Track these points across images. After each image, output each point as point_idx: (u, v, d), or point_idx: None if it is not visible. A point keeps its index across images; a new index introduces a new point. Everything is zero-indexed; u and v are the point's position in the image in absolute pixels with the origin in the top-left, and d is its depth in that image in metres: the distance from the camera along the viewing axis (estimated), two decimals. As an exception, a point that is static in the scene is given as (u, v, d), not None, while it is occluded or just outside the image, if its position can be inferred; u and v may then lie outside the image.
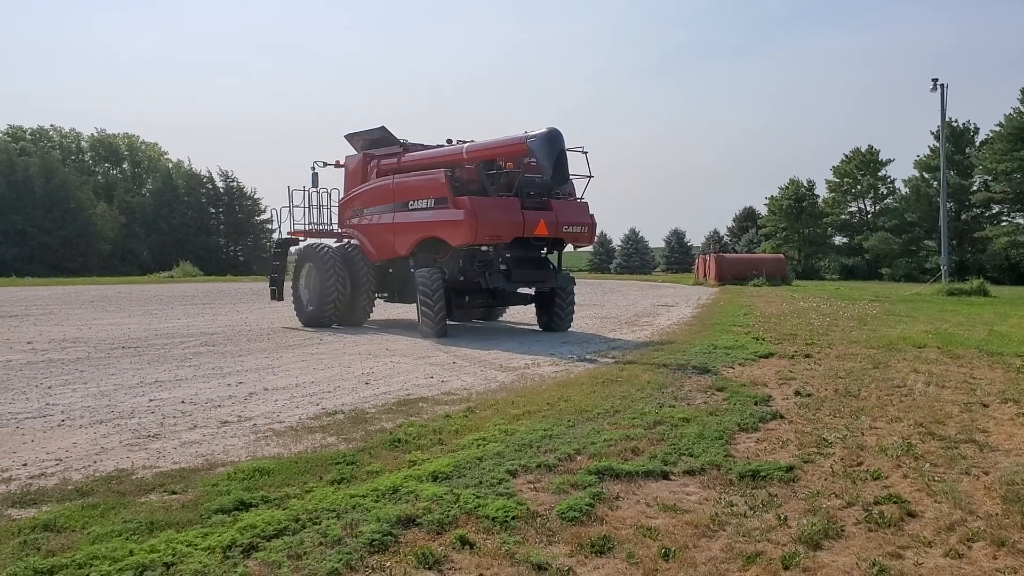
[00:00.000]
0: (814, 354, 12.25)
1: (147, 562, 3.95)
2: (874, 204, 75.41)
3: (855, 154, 74.85)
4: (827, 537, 4.43)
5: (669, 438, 6.65)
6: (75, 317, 19.74)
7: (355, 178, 18.87)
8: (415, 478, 5.41)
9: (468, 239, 15.39)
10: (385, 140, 18.17)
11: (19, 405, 8.23)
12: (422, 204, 16.27)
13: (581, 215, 16.70)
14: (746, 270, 45.57)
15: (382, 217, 17.41)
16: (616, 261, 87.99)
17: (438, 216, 15.84)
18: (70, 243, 65.77)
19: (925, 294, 32.88)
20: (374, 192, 17.85)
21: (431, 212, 16.04)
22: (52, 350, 12.79)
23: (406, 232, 16.75)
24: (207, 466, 5.91)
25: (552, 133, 14.60)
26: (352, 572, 3.95)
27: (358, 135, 18.71)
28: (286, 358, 12.15)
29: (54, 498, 5.09)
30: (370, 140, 18.55)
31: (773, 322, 18.29)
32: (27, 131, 79.66)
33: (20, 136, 77.83)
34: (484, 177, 16.08)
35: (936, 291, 33.47)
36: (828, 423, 7.39)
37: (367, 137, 18.50)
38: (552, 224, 15.94)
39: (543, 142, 14.56)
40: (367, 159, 18.58)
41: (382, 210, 17.44)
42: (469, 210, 15.16)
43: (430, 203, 16.06)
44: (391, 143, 18.08)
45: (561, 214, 16.21)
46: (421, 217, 16.28)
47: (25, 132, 79.28)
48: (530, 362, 11.88)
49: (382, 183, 17.64)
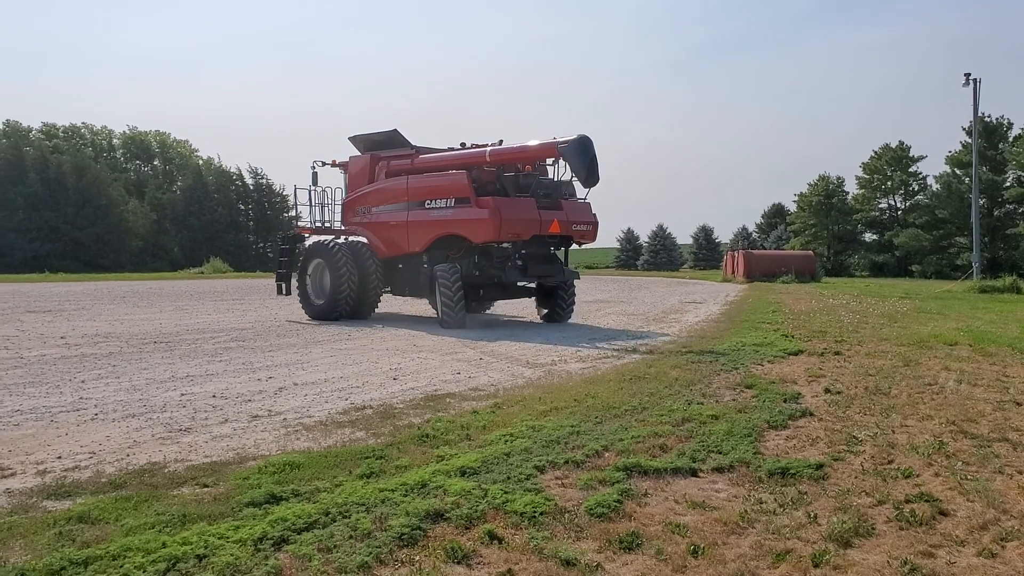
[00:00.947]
0: (844, 351, 12.15)
1: (180, 554, 4.01)
2: (904, 200, 74.53)
3: (885, 150, 74.05)
4: (857, 535, 4.40)
5: (697, 435, 6.63)
6: (107, 312, 19.99)
7: (361, 178, 19.57)
8: (443, 473, 5.43)
9: (492, 236, 16.56)
10: (395, 142, 19.10)
11: (53, 399, 8.35)
12: (441, 203, 17.32)
13: (586, 214, 18.00)
14: (775, 267, 45.27)
15: (394, 215, 18.37)
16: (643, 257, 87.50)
17: (460, 215, 16.91)
18: (102, 239, 66.66)
19: (956, 291, 32.50)
20: (385, 191, 18.79)
21: (452, 211, 17.10)
22: (85, 345, 12.96)
23: (422, 229, 17.73)
24: (238, 460, 5.98)
25: (584, 140, 15.91)
26: (381, 565, 3.98)
27: (361, 137, 19.62)
28: (315, 354, 12.24)
29: (88, 490, 5.17)
30: (376, 142, 19.45)
31: (802, 319, 18.16)
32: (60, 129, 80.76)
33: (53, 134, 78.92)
34: (505, 179, 17.32)
35: (967, 288, 33.07)
36: (858, 421, 7.34)
37: (374, 139, 19.47)
38: (564, 223, 17.24)
39: (577, 149, 15.86)
40: (374, 160, 19.30)
41: (395, 208, 18.39)
42: (493, 209, 16.31)
43: (450, 202, 17.15)
44: (402, 145, 19.00)
45: (570, 214, 17.53)
46: (440, 215, 17.32)
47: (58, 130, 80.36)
48: (557, 358, 11.88)
49: (394, 183, 18.59)
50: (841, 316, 19.04)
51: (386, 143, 19.25)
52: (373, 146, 19.52)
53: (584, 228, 17.81)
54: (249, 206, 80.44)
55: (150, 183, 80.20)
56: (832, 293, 30.75)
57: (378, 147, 19.40)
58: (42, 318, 18.01)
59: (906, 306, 23.04)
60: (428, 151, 19.01)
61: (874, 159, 74.88)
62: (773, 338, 13.78)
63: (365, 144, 19.73)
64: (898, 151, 73.17)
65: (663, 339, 14.58)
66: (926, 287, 39.11)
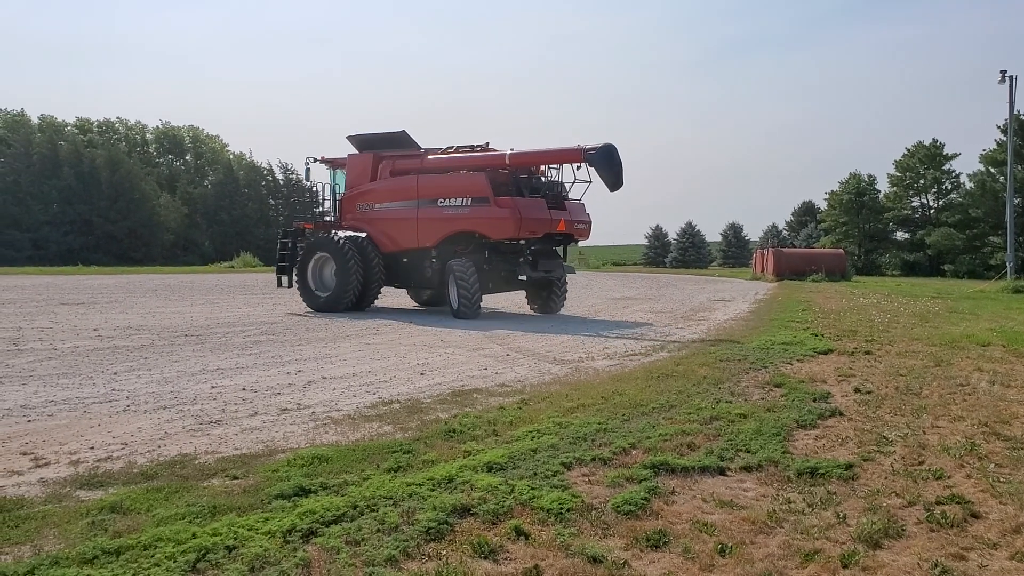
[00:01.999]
0: (874, 351, 12.03)
1: (210, 545, 4.05)
2: (937, 199, 73.55)
3: (918, 148, 73.12)
4: (887, 536, 4.36)
5: (726, 434, 6.60)
6: (139, 305, 20.22)
7: (362, 176, 20.27)
8: (470, 468, 5.45)
9: (511, 234, 17.98)
10: (401, 143, 20.05)
11: (86, 390, 8.47)
12: (457, 202, 18.45)
13: (584, 214, 19.55)
14: (805, 265, 44.86)
15: (401, 212, 19.34)
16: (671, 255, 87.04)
17: (478, 213, 18.11)
18: (134, 233, 67.42)
19: (989, 291, 32.03)
20: (391, 189, 19.69)
21: (468, 209, 18.27)
22: (117, 337, 13.12)
23: (434, 226, 18.78)
24: (267, 452, 6.03)
25: (610, 148, 17.29)
26: (409, 559, 4.00)
27: (358, 136, 20.45)
28: (343, 348, 12.31)
29: (120, 481, 5.24)
30: (375, 142, 20.31)
31: (832, 318, 17.99)
32: (94, 123, 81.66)
33: (88, 128, 79.84)
34: (521, 181, 18.60)
35: (1001, 288, 32.56)
36: (889, 421, 7.26)
37: (372, 139, 20.34)
38: (568, 222, 18.74)
39: (604, 156, 17.24)
40: (377, 159, 20.08)
41: (402, 205, 19.36)
42: (514, 209, 17.68)
43: (466, 201, 18.30)
44: (409, 146, 20.02)
45: (572, 213, 19.01)
46: (455, 213, 18.46)
47: (92, 124, 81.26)
48: (584, 355, 11.87)
49: (401, 181, 19.58)
50: (872, 315, 18.85)
51: (389, 143, 20.12)
52: (373, 145, 20.32)
53: (582, 227, 19.44)
54: (279, 201, 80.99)
55: (182, 177, 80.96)
56: (863, 292, 30.45)
57: (379, 146, 20.24)
58: (75, 310, 18.26)
59: (938, 306, 22.76)
60: (435, 152, 19.91)
61: (906, 157, 73.96)
62: (803, 337, 13.67)
63: (362, 143, 20.47)
64: (931, 149, 72.22)
65: (691, 337, 14.53)
66: (958, 287, 38.60)
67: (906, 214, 75.05)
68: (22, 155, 66.04)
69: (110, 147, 73.77)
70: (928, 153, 72.29)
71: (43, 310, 18.13)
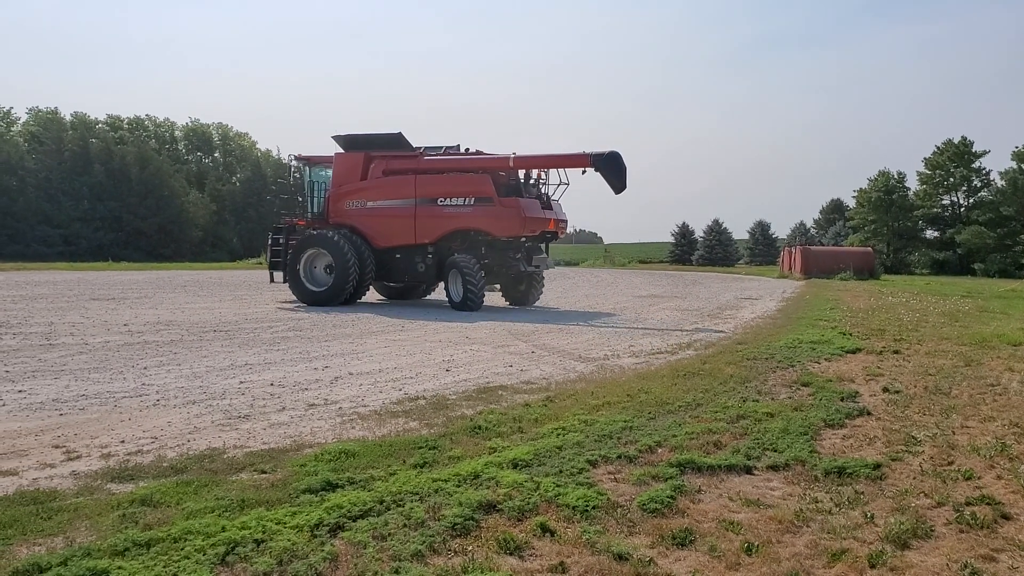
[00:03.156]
0: (903, 350, 11.93)
1: (238, 538, 4.09)
2: (967, 197, 72.63)
3: (948, 145, 72.22)
4: (916, 537, 4.33)
5: (752, 432, 6.57)
6: (168, 301, 20.44)
7: (351, 174, 20.99)
8: (496, 465, 5.46)
9: (515, 232, 19.64)
10: (396, 144, 20.89)
11: (117, 384, 8.57)
12: (459, 201, 19.68)
13: (563, 213, 21.22)
14: (833, 263, 44.53)
15: (398, 209, 20.28)
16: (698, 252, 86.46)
17: (482, 212, 19.44)
18: (163, 229, 68.12)
19: (1020, 290, 31.64)
20: (387, 187, 20.60)
21: (471, 208, 19.56)
22: (147, 332, 13.27)
23: (434, 223, 19.91)
24: (295, 447, 6.08)
25: (615, 154, 18.81)
26: (435, 554, 4.02)
27: (345, 136, 21.31)
28: (369, 344, 12.38)
29: (150, 474, 5.30)
30: (369, 142, 21.14)
31: (860, 317, 17.84)
32: (124, 120, 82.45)
33: (118, 125, 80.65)
34: (520, 183, 20.27)
35: (1034, 288, 32.15)
36: (917, 421, 7.20)
37: (368, 139, 21.15)
38: (555, 220, 20.55)
39: (612, 161, 18.76)
40: (368, 159, 20.88)
41: (399, 203, 20.30)
42: (518, 208, 19.34)
43: (469, 201, 19.57)
44: (405, 147, 20.86)
45: (556, 213, 20.71)
46: (457, 211, 19.70)
47: (123, 121, 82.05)
48: (609, 353, 11.85)
49: (398, 180, 20.49)
50: (900, 314, 18.67)
51: (383, 144, 21.00)
52: (364, 145, 21.12)
53: (563, 225, 21.40)
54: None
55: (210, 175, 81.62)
56: (891, 291, 30.17)
57: (371, 147, 21.04)
58: (106, 306, 18.48)
59: (968, 305, 22.50)
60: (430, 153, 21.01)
61: (936, 154, 73.07)
62: (830, 336, 13.56)
63: (351, 143, 21.21)
64: (961, 147, 71.33)
65: (718, 335, 14.46)
66: (989, 286, 38.14)
67: (936, 212, 74.17)
68: (54, 152, 66.92)
69: (140, 144, 74.57)
70: (958, 151, 71.39)
71: (74, 305, 18.37)
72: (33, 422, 6.79)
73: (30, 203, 62.56)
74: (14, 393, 7.96)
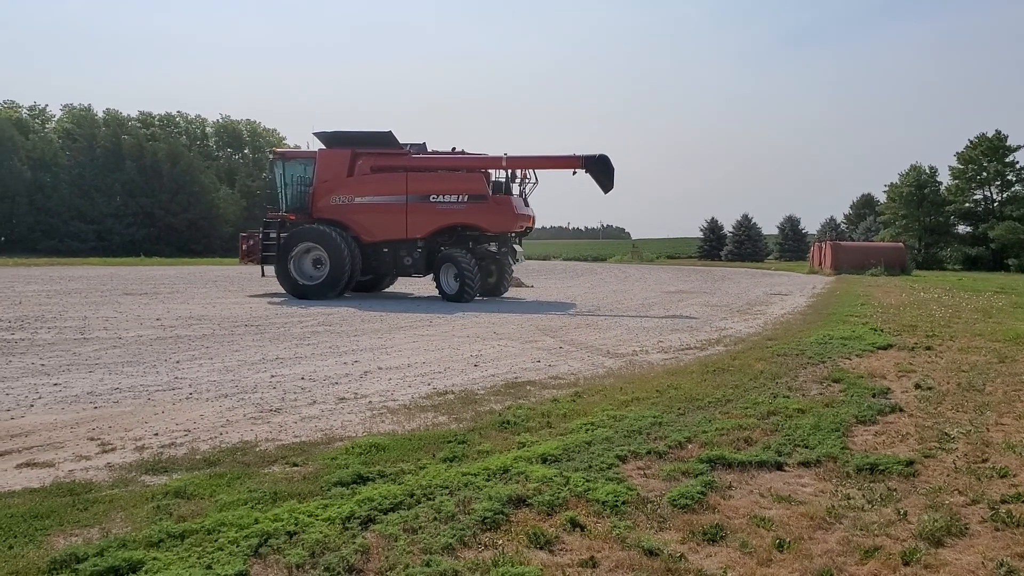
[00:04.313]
0: (935, 346, 11.79)
1: (271, 530, 4.13)
2: (1001, 192, 71.54)
3: (981, 140, 71.16)
4: (950, 534, 4.28)
5: (783, 429, 6.53)
6: (200, 296, 20.65)
7: (337, 170, 21.43)
8: (525, 459, 5.47)
9: (507, 228, 21.06)
10: (385, 142, 21.50)
11: (150, 378, 8.68)
12: (452, 198, 20.61)
13: (532, 211, 22.40)
14: (863, 259, 44.08)
15: (389, 205, 20.96)
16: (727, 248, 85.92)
17: (476, 208, 20.55)
18: (194, 225, 68.76)
19: (1057, 287, 31.13)
20: (376, 183, 21.23)
21: (465, 205, 20.58)
22: (179, 327, 13.41)
23: (426, 219, 20.76)
24: (326, 440, 6.13)
25: (605, 156, 20.29)
26: (465, 548, 4.04)
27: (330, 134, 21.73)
28: (398, 339, 12.43)
29: (183, 467, 5.36)
30: (357, 139, 21.65)
31: (892, 313, 17.66)
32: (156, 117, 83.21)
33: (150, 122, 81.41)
34: (509, 182, 21.30)
35: (1070, 284, 31.63)
36: (950, 417, 7.12)
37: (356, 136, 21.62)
38: (532, 217, 22.16)
39: (602, 163, 20.31)
40: (355, 155, 21.42)
41: (390, 199, 20.97)
42: (511, 206, 20.73)
43: (462, 198, 20.56)
44: (394, 146, 21.57)
45: (531, 210, 22.03)
46: (449, 208, 20.63)
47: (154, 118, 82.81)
48: (638, 348, 11.82)
49: (388, 177, 21.19)
50: (932, 310, 18.45)
51: (372, 141, 21.57)
52: (350, 142, 21.61)
53: (534, 221, 22.70)
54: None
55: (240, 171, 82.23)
56: (923, 287, 29.81)
57: (359, 144, 21.54)
58: (139, 300, 18.70)
59: (1001, 301, 22.20)
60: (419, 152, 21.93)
61: (969, 148, 72.02)
62: (861, 332, 13.43)
63: (336, 139, 21.75)
64: (995, 140, 70.26)
65: (747, 331, 14.38)
66: (1023, 281, 37.57)
67: (968, 207, 73.13)
68: (87, 149, 67.76)
69: (171, 141, 75.24)
70: (991, 145, 70.33)
71: (107, 300, 18.61)
72: (68, 415, 6.89)
73: (64, 199, 63.46)
74: (50, 386, 8.08)
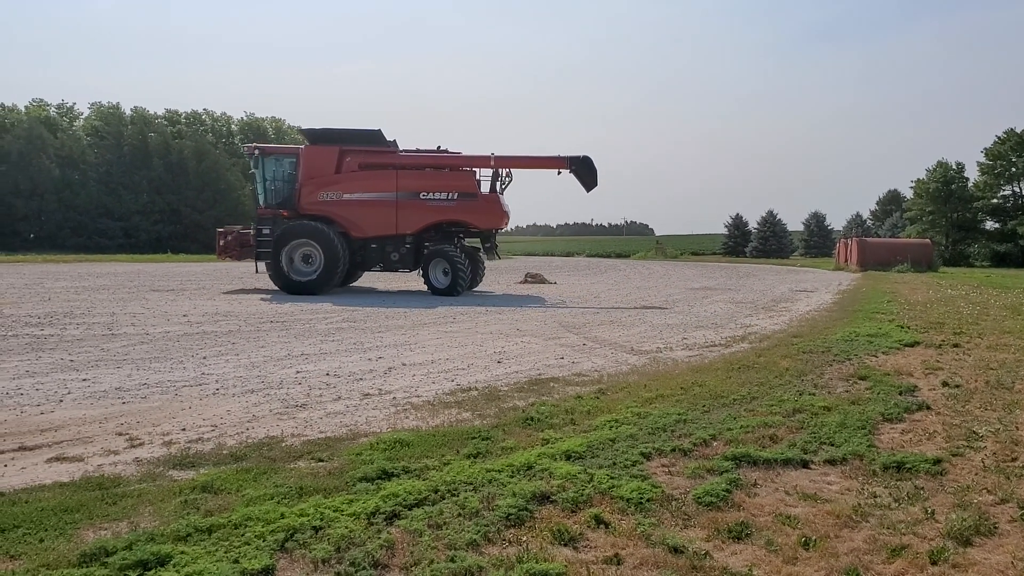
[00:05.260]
0: (963, 344, 11.67)
1: (297, 525, 4.17)
2: (1030, 187, 70.53)
3: (1010, 135, 70.09)
4: (978, 533, 4.24)
5: (809, 426, 6.49)
6: (226, 292, 20.78)
7: (324, 167, 21.75)
8: (549, 456, 5.47)
9: (495, 224, 22.28)
10: (373, 139, 21.94)
11: (177, 374, 8.76)
12: (442, 196, 21.35)
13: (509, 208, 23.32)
14: (890, 255, 43.66)
15: (378, 201, 21.46)
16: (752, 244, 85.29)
17: (466, 206, 21.39)
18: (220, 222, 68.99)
19: (1089, 284, 30.68)
20: (366, 180, 21.66)
21: (455, 203, 21.36)
22: (206, 323, 13.53)
23: (416, 215, 21.41)
24: (351, 436, 6.16)
25: (588, 157, 21.53)
26: (490, 544, 4.05)
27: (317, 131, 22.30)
28: (421, 335, 12.47)
29: (210, 461, 5.42)
30: (344, 136, 22.08)
31: (919, 310, 17.48)
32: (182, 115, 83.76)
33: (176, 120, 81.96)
34: (495, 181, 21.82)
35: (1101, 281, 31.18)
36: (979, 416, 7.05)
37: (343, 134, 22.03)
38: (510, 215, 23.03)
39: (586, 163, 21.52)
40: (343, 153, 21.78)
41: (380, 196, 21.48)
42: (499, 204, 21.66)
43: (452, 195, 21.32)
44: (383, 144, 21.98)
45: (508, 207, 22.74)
46: (440, 205, 21.37)
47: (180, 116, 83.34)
48: (662, 345, 11.78)
49: (378, 174, 21.66)
50: (960, 307, 18.25)
51: (360, 139, 21.97)
52: (337, 139, 21.99)
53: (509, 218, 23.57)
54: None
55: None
56: (950, 283, 29.49)
57: (346, 141, 21.91)
58: (165, 297, 18.88)
59: (1032, 298, 21.91)
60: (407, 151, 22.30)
61: (997, 144, 71.02)
62: (888, 329, 13.31)
63: (322, 136, 22.22)
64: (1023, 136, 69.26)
65: (773, 328, 14.29)
66: (1054, 279, 37.05)
67: (996, 203, 72.12)
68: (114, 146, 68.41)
69: (197, 138, 75.75)
70: (1020, 140, 69.23)
71: (135, 296, 18.80)
72: (97, 410, 6.97)
73: (92, 196, 64.12)
74: (78, 381, 8.18)
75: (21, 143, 61.33)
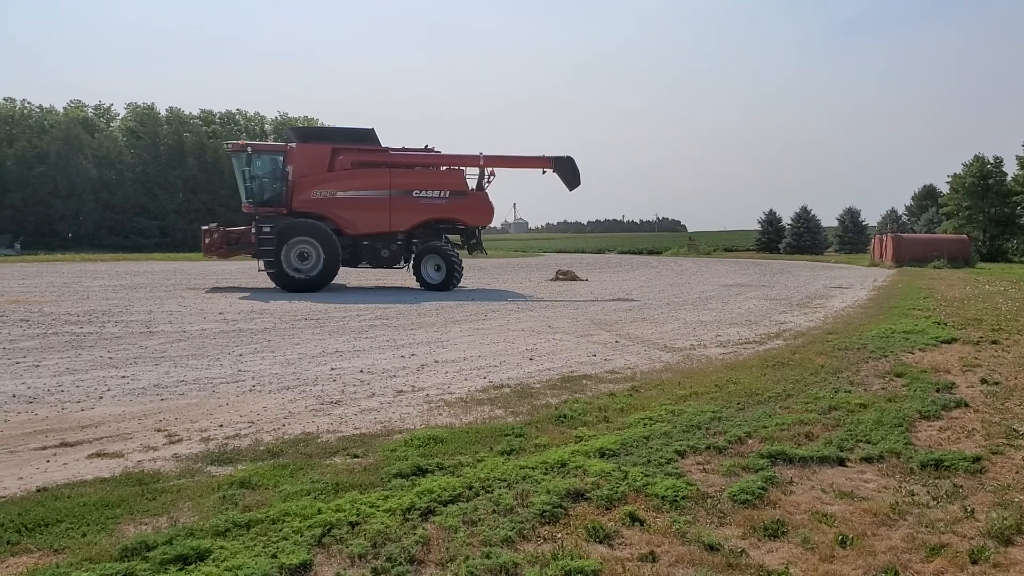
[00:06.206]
0: (1002, 340, 11.49)
1: (334, 520, 4.21)
2: (1071, 181, 69.17)
3: (1052, 127, 68.92)
4: (1020, 533, 4.19)
5: (845, 424, 6.44)
6: (260, 290, 20.96)
7: (318, 166, 21.95)
8: (582, 453, 5.48)
9: (485, 221, 23.20)
10: (366, 138, 22.35)
11: (214, 371, 8.87)
12: (434, 194, 21.98)
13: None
14: (926, 251, 43.04)
15: (373, 200, 21.86)
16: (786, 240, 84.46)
17: (458, 204, 22.09)
18: (253, 221, 69.76)
19: None
20: (359, 178, 21.96)
21: (447, 201, 22.03)
22: (242, 321, 13.67)
23: (410, 213, 21.95)
24: (385, 432, 6.21)
25: (570, 158, 22.62)
26: (524, 541, 4.07)
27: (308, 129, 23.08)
28: (453, 333, 12.51)
29: (248, 457, 5.49)
30: (335, 135, 22.93)
31: (956, 306, 17.24)
32: (216, 115, 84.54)
33: (210, 120, 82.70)
34: (482, 179, 22.62)
35: None
36: (1018, 413, 6.95)
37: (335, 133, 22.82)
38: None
39: (570, 163, 22.65)
40: (336, 151, 22.08)
41: (373, 194, 21.87)
42: (488, 201, 22.62)
43: (444, 194, 22.00)
44: (375, 143, 22.38)
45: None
46: (432, 203, 22.01)
47: (215, 116, 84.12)
48: (695, 343, 11.73)
49: (372, 172, 22.02)
50: (998, 303, 17.96)
51: (352, 138, 22.41)
52: (328, 138, 22.67)
53: None
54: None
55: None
56: (988, 279, 29.02)
57: (338, 140, 22.42)
58: (202, 295, 19.07)
59: (1073, 294, 21.51)
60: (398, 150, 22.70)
61: (1039, 137, 69.78)
62: (924, 325, 13.14)
63: (312, 135, 23.03)
64: (1066, 128, 68.01)
65: (807, 325, 14.17)
66: (1096, 274, 36.35)
67: (1035, 198, 70.87)
68: (150, 146, 69.25)
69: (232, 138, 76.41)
70: (1062, 133, 68.02)
71: (171, 294, 19.01)
72: (136, 407, 7.08)
73: (128, 196, 64.94)
74: (117, 379, 8.30)
75: (59, 144, 62.25)
